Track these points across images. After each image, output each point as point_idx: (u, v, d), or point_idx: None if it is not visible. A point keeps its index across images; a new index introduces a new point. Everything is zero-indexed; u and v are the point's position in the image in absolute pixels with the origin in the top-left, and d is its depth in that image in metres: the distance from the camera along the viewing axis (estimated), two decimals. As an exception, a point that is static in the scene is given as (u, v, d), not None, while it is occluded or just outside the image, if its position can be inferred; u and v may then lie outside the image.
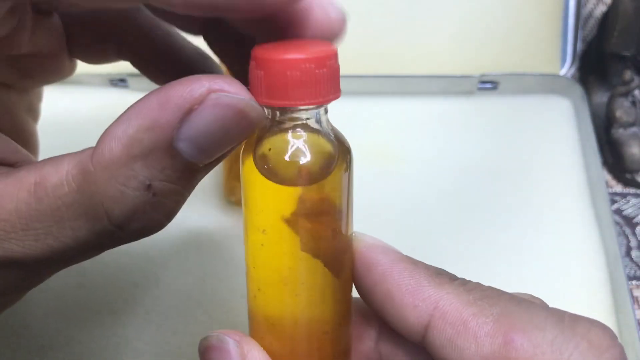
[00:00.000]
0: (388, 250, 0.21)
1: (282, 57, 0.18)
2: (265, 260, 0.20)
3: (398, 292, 0.20)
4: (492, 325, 0.18)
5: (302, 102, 0.18)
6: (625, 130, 0.45)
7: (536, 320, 0.18)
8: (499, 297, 0.19)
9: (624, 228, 0.43)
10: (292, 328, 0.21)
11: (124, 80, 0.47)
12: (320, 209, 0.19)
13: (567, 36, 0.47)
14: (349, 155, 0.20)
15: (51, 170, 0.18)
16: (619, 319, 0.37)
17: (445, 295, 0.19)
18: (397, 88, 0.47)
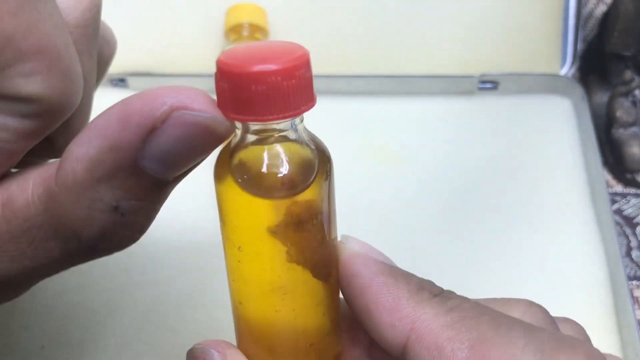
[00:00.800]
0: (369, 261, 0.20)
1: (248, 69, 0.17)
2: (243, 275, 0.20)
3: (375, 309, 0.19)
4: (467, 352, 0.17)
5: (272, 117, 0.17)
6: (626, 130, 0.45)
7: (513, 348, 0.17)
8: (478, 319, 0.18)
9: (625, 228, 0.43)
10: (275, 341, 0.20)
11: (123, 80, 0.47)
12: (304, 217, 0.19)
13: (567, 36, 0.47)
14: (329, 164, 0.19)
15: (16, 190, 0.18)
16: (619, 319, 0.37)
17: (422, 315, 0.18)
18: (397, 88, 0.47)
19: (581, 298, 0.38)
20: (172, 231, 0.41)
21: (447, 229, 0.41)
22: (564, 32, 0.47)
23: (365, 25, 0.46)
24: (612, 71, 0.47)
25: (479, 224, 0.41)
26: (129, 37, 0.46)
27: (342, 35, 0.46)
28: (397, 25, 0.46)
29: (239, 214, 0.19)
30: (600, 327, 0.37)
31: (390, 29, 0.46)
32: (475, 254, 0.40)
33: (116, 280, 0.38)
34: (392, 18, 0.46)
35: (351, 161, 0.44)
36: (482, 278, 0.39)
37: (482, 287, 0.38)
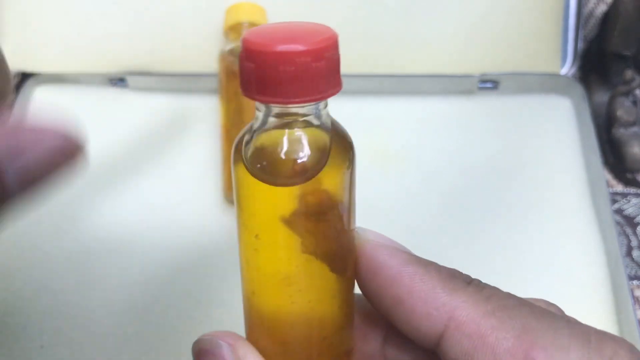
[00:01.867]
0: (395, 251, 0.19)
1: (275, 49, 0.16)
2: (259, 264, 0.19)
3: (409, 298, 0.18)
4: (513, 341, 0.17)
5: (298, 99, 0.17)
6: (626, 130, 0.45)
7: (560, 340, 0.17)
8: (519, 308, 0.18)
9: (625, 228, 0.43)
10: (289, 333, 0.20)
11: (123, 80, 0.47)
12: (322, 207, 0.18)
13: (567, 35, 0.47)
14: (351, 151, 0.19)
15: None
16: (620, 319, 0.37)
17: (461, 304, 0.18)
18: (397, 88, 0.47)
19: (581, 298, 0.38)
20: (173, 231, 0.41)
21: (447, 228, 0.41)
22: (564, 31, 0.47)
23: (365, 25, 0.46)
24: (612, 71, 0.47)
25: (479, 224, 0.41)
26: (129, 37, 0.46)
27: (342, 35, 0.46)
28: (397, 25, 0.46)
29: (256, 200, 0.18)
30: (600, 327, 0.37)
31: (390, 29, 0.46)
32: (475, 253, 0.40)
33: (116, 280, 0.38)
34: (392, 18, 0.46)
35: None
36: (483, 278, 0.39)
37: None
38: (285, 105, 0.17)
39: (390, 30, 0.46)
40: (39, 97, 0.47)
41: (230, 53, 0.42)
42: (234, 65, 0.42)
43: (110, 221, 0.41)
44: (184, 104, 0.47)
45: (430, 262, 0.20)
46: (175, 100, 0.47)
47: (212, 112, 0.46)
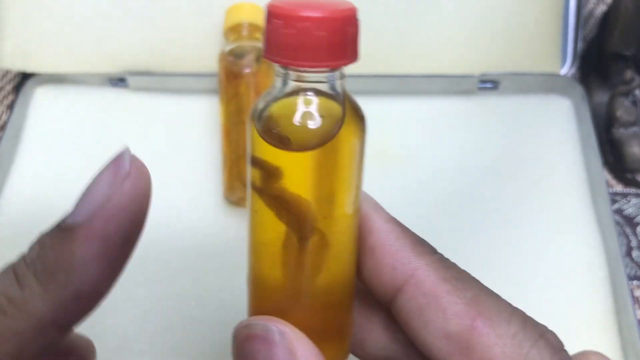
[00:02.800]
0: (379, 207, 0.21)
1: (300, 13, 0.17)
2: (253, 232, 0.20)
3: (380, 249, 0.20)
4: (463, 307, 0.19)
5: (311, 63, 0.17)
6: (626, 130, 0.45)
7: (503, 314, 0.19)
8: (472, 282, 0.20)
9: (625, 228, 0.43)
10: (282, 301, 0.20)
11: (123, 80, 0.47)
12: (274, 171, 0.19)
13: (567, 35, 0.47)
14: (362, 123, 0.19)
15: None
16: (620, 319, 0.37)
17: (424, 265, 0.20)
18: (397, 88, 0.47)
19: (581, 298, 0.38)
20: (172, 231, 0.41)
21: (447, 228, 0.41)
22: (564, 31, 0.47)
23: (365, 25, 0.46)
24: (612, 71, 0.47)
25: (479, 224, 0.41)
26: (129, 37, 0.46)
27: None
28: (397, 25, 0.46)
29: (268, 159, 0.19)
30: (600, 327, 0.37)
31: (390, 29, 0.46)
32: (475, 253, 0.40)
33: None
34: (392, 18, 0.46)
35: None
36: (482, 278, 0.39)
37: (482, 287, 0.38)
38: (304, 69, 0.18)
39: (390, 30, 0.46)
40: (39, 97, 0.47)
41: (230, 53, 0.42)
42: (233, 65, 0.42)
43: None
44: (184, 104, 0.47)
45: (405, 226, 0.21)
46: (175, 100, 0.47)
47: (212, 112, 0.46)
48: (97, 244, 0.17)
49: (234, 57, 0.42)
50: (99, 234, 0.17)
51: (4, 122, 0.46)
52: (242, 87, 0.41)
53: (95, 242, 0.17)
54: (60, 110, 0.47)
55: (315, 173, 0.19)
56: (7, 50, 0.46)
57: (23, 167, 0.44)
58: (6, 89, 0.49)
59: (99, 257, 0.17)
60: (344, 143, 0.19)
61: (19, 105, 0.46)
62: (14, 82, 0.50)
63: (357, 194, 0.20)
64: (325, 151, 0.18)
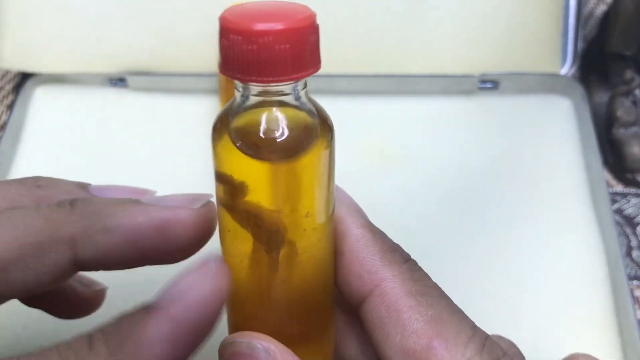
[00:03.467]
0: (354, 211, 0.21)
1: (251, 28, 0.16)
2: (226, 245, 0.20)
3: (349, 256, 0.20)
4: (422, 325, 0.19)
5: (276, 78, 0.17)
6: (626, 130, 0.45)
7: (462, 336, 0.19)
8: (439, 299, 0.19)
9: (625, 228, 0.43)
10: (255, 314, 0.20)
11: (123, 80, 0.47)
12: (238, 186, 0.18)
13: (567, 35, 0.47)
14: (330, 133, 0.19)
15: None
16: (620, 319, 0.37)
17: (391, 276, 0.19)
18: (397, 88, 0.47)
19: (581, 298, 0.38)
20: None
21: (447, 229, 0.41)
22: (564, 31, 0.47)
23: (365, 25, 0.46)
24: (612, 71, 0.47)
25: (479, 224, 0.41)
26: (129, 37, 0.46)
27: (342, 35, 0.46)
28: (397, 25, 0.46)
29: (235, 174, 0.19)
30: (600, 327, 0.37)
31: (390, 29, 0.46)
32: (475, 253, 0.40)
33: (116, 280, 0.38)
34: (392, 18, 0.46)
35: (351, 161, 0.44)
36: (482, 278, 0.39)
37: (482, 287, 0.38)
38: (264, 85, 0.17)
39: (390, 30, 0.46)
40: (39, 97, 0.47)
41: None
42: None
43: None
44: (184, 104, 0.47)
45: (380, 231, 0.21)
46: (175, 100, 0.47)
47: (212, 112, 0.46)
48: (168, 327, 0.18)
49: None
50: (171, 318, 0.18)
51: (4, 122, 0.46)
52: (242, 87, 0.41)
53: (166, 325, 0.18)
54: (60, 110, 0.47)
55: (284, 184, 0.18)
56: (7, 50, 0.46)
57: (23, 167, 0.44)
58: (6, 89, 0.49)
59: (166, 340, 0.18)
60: (312, 153, 0.18)
61: (19, 105, 0.46)
62: (13, 82, 0.50)
63: (328, 203, 0.20)
64: (293, 162, 0.18)
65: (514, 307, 0.37)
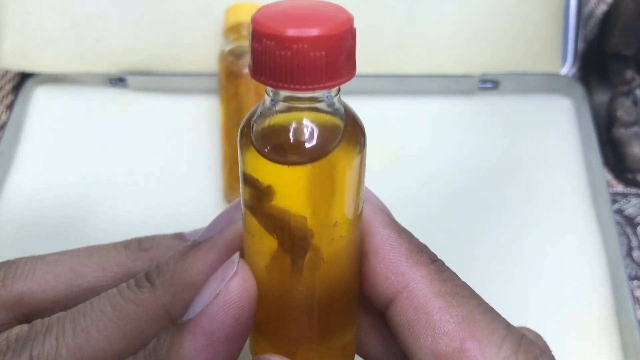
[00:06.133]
0: (379, 210, 0.20)
1: (287, 33, 0.15)
2: (249, 244, 0.20)
3: (375, 257, 0.19)
4: (454, 326, 0.18)
5: (308, 86, 0.16)
6: (627, 130, 0.45)
7: (495, 336, 0.18)
8: (469, 298, 0.19)
9: (625, 228, 0.43)
10: (276, 315, 0.20)
11: (123, 80, 0.47)
12: (267, 191, 0.18)
13: (568, 35, 0.47)
14: (363, 137, 0.18)
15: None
16: (620, 319, 0.37)
17: (419, 277, 0.19)
18: (397, 87, 0.47)
19: (581, 298, 0.38)
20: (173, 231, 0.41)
21: (447, 228, 0.41)
22: (565, 31, 0.47)
23: (365, 25, 0.46)
24: (612, 71, 0.47)
25: (479, 224, 0.41)
26: (129, 37, 0.46)
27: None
28: (397, 24, 0.46)
29: (261, 177, 0.18)
30: (600, 327, 0.37)
31: (390, 29, 0.46)
32: (475, 253, 0.40)
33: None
34: (392, 18, 0.46)
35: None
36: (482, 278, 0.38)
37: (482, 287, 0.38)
38: (295, 92, 0.17)
39: (390, 30, 0.46)
40: (39, 97, 0.47)
41: (230, 53, 0.42)
42: (233, 65, 0.42)
43: (109, 221, 0.41)
44: (184, 104, 0.47)
45: (406, 230, 0.21)
46: (175, 100, 0.47)
47: (212, 112, 0.46)
48: (203, 339, 0.18)
49: (234, 57, 0.42)
50: (204, 330, 0.18)
51: (4, 122, 0.46)
52: (242, 87, 0.41)
53: (201, 337, 0.18)
54: (60, 110, 0.47)
55: (312, 189, 0.18)
56: (6, 50, 0.46)
57: (23, 167, 0.44)
58: (6, 89, 0.49)
59: (204, 351, 0.18)
60: (343, 158, 0.18)
61: (19, 105, 0.46)
62: (13, 82, 0.50)
63: (357, 209, 0.19)
64: (323, 166, 0.18)
65: (514, 307, 0.37)
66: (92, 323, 0.19)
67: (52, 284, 0.22)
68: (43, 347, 0.19)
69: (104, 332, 0.19)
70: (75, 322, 0.20)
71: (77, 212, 0.41)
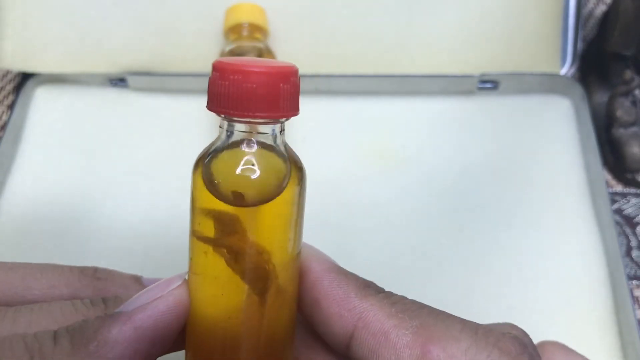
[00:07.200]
0: (322, 259, 0.21)
1: (246, 68, 0.18)
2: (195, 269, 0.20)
3: (325, 300, 0.20)
4: (411, 336, 0.19)
5: (261, 114, 0.18)
6: (626, 130, 0.45)
7: (452, 332, 0.19)
8: (419, 310, 0.20)
9: (625, 228, 0.43)
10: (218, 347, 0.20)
11: (123, 80, 0.47)
12: (238, 227, 0.19)
13: (567, 36, 0.47)
14: (300, 173, 0.20)
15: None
16: (620, 318, 0.37)
17: (369, 306, 0.20)
18: (397, 88, 0.47)
19: (581, 298, 0.38)
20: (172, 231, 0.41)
21: (447, 228, 0.41)
22: (564, 31, 0.47)
23: (365, 25, 0.46)
24: (612, 71, 0.47)
25: (479, 224, 0.41)
26: (129, 37, 0.46)
27: (342, 35, 0.46)
28: (397, 25, 0.46)
29: (195, 214, 0.20)
30: (600, 327, 0.37)
31: (390, 29, 0.46)
32: (475, 253, 0.40)
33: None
34: (392, 18, 0.46)
35: (350, 161, 0.44)
36: (482, 278, 0.39)
37: (482, 287, 0.38)
38: (247, 120, 0.19)
39: (390, 31, 0.46)
40: (39, 97, 0.47)
41: (230, 53, 0.42)
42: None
43: (109, 221, 0.41)
44: (184, 104, 0.47)
45: (350, 273, 0.21)
46: (176, 100, 0.47)
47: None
48: (131, 332, 0.19)
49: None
50: (135, 324, 0.19)
51: (5, 122, 0.47)
52: (242, 87, 0.41)
53: (130, 328, 0.19)
54: (60, 110, 0.47)
55: (265, 223, 0.19)
56: (7, 50, 0.46)
57: (23, 167, 0.44)
58: (6, 89, 0.49)
59: (128, 343, 0.19)
60: (287, 192, 0.19)
61: (19, 105, 0.46)
62: (14, 82, 0.50)
63: (299, 241, 0.21)
64: (267, 203, 0.19)
65: (514, 307, 0.37)
66: (36, 319, 0.20)
67: (1, 288, 0.22)
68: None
69: (46, 328, 0.20)
70: (18, 314, 0.20)
71: (77, 212, 0.42)
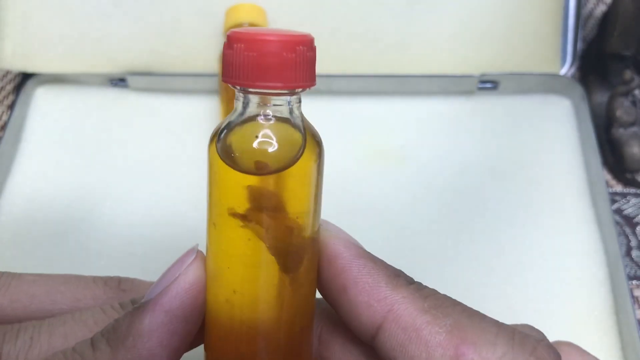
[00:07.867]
0: (350, 244, 0.21)
1: (257, 37, 0.18)
2: (213, 250, 0.20)
3: (354, 288, 0.20)
4: (445, 336, 0.18)
5: (277, 85, 0.18)
6: (626, 130, 0.45)
7: (488, 335, 0.18)
8: (453, 307, 0.19)
9: (624, 228, 0.43)
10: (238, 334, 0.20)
11: (123, 80, 0.47)
12: (265, 204, 0.19)
13: (567, 36, 0.47)
14: (319, 148, 0.19)
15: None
16: (619, 318, 0.37)
17: (400, 298, 0.19)
18: (397, 88, 0.47)
19: (581, 298, 0.38)
20: (172, 231, 0.41)
21: (447, 229, 0.41)
22: (564, 32, 0.47)
23: (365, 25, 0.46)
24: (612, 71, 0.47)
25: (479, 224, 0.41)
26: (129, 37, 0.46)
27: (342, 35, 0.46)
28: (397, 25, 0.46)
29: (218, 189, 0.19)
30: (600, 327, 0.37)
31: (390, 29, 0.46)
32: (475, 253, 0.40)
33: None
34: (392, 18, 0.46)
35: (351, 161, 0.44)
36: (482, 278, 0.39)
37: (481, 287, 0.38)
38: (262, 91, 0.18)
39: (390, 31, 0.46)
40: (40, 97, 0.47)
41: (231, 53, 0.42)
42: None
43: (109, 221, 0.41)
44: (184, 104, 0.47)
45: (379, 259, 0.21)
46: (175, 100, 0.47)
47: (212, 112, 0.46)
48: (163, 315, 0.19)
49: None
50: (164, 307, 0.19)
51: (5, 122, 0.47)
52: (242, 87, 0.41)
53: (160, 313, 0.19)
54: (61, 110, 0.47)
55: (290, 197, 0.19)
56: (7, 50, 0.46)
57: (23, 167, 0.44)
58: (6, 89, 0.49)
59: (162, 326, 0.19)
60: (307, 165, 0.19)
61: (20, 105, 0.46)
62: (14, 82, 0.50)
63: (319, 217, 0.20)
64: (286, 176, 0.19)
65: (514, 307, 0.37)
66: (71, 330, 0.20)
67: (24, 303, 0.22)
68: (15, 343, 0.19)
69: (82, 338, 0.20)
70: (53, 327, 0.20)
71: (77, 212, 0.42)
